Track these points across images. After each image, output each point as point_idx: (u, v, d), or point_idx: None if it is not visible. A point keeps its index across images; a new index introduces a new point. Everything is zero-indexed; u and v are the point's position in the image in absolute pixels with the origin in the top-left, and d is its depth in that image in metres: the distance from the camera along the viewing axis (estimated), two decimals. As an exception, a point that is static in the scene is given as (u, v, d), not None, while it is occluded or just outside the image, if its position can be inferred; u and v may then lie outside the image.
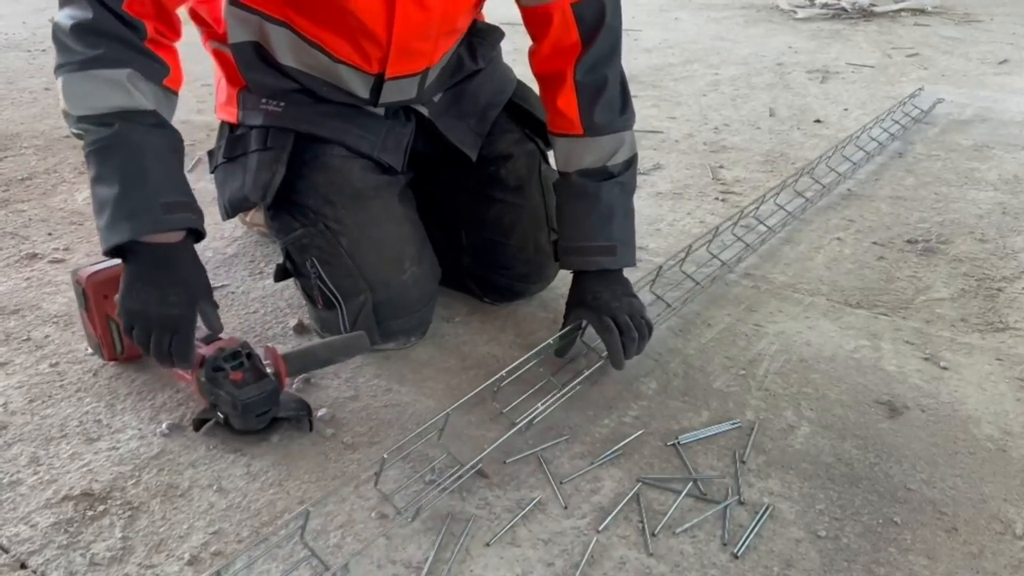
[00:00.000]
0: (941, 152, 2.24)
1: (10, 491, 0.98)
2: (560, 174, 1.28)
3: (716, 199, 1.93)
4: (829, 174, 1.98)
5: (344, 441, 1.08)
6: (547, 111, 1.27)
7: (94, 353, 1.23)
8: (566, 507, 0.97)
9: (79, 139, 1.05)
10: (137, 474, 1.01)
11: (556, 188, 1.28)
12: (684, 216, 1.83)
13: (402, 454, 1.03)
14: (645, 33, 3.90)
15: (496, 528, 0.94)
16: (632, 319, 1.18)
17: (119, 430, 1.09)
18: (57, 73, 1.02)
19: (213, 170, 1.29)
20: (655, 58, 3.41)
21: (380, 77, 1.22)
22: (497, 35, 1.43)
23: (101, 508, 0.96)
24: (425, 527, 0.94)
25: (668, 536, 0.93)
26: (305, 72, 1.21)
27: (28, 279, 1.48)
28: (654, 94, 2.85)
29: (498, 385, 1.11)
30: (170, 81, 1.08)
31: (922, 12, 4.43)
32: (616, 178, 1.24)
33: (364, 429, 1.10)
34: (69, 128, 1.06)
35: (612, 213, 1.24)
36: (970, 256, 1.63)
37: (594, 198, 1.23)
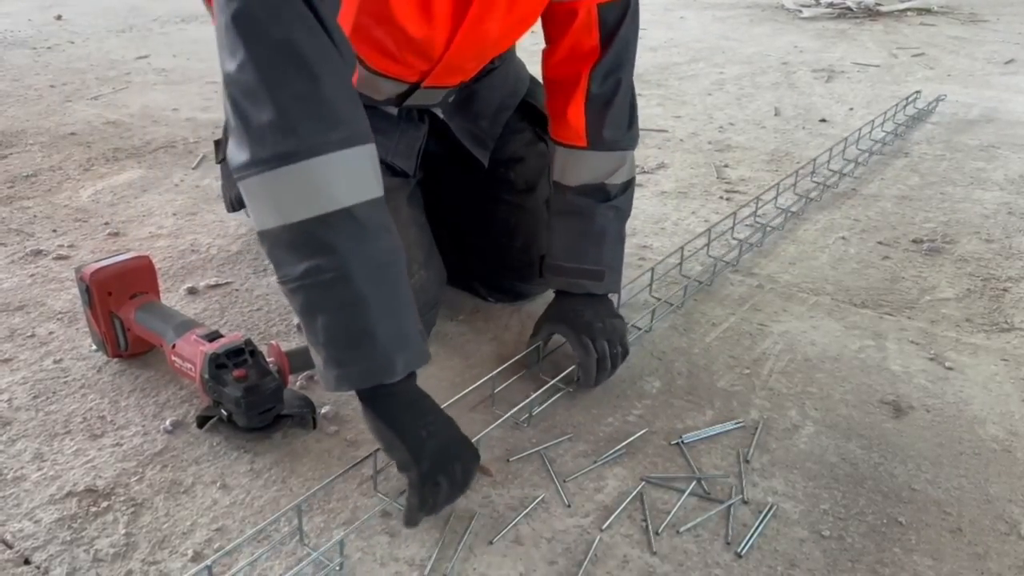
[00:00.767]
0: (947, 152, 2.24)
1: (14, 487, 0.98)
2: (555, 186, 1.26)
3: (721, 198, 1.93)
4: (832, 173, 1.97)
5: (347, 438, 1.08)
6: (552, 116, 1.26)
7: (98, 350, 1.23)
8: (569, 505, 0.97)
9: None
10: (141, 471, 1.01)
11: (550, 201, 1.27)
12: (688, 215, 1.83)
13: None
14: (650, 32, 3.89)
15: (499, 526, 0.94)
16: (610, 344, 1.16)
17: (123, 427, 1.09)
18: None
19: (220, 160, 1.27)
20: (660, 57, 3.40)
21: (415, 86, 1.20)
22: None
23: (105, 504, 0.96)
24: (427, 525, 0.94)
25: (671, 535, 0.93)
26: None
27: (33, 276, 1.48)
28: (659, 93, 2.84)
29: (492, 393, 1.12)
30: None
31: (928, 12, 4.42)
32: (612, 201, 1.23)
33: (367, 427, 1.10)
34: None
35: (604, 237, 1.23)
36: (976, 256, 1.62)
37: (588, 219, 1.22)
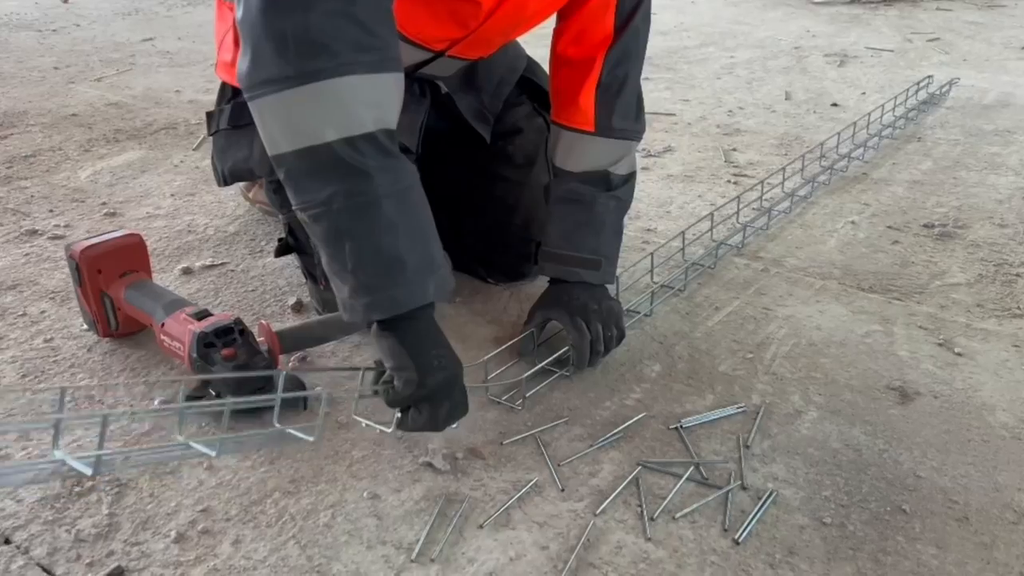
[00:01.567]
0: (961, 137, 2.19)
1: (-2, 466, 0.97)
2: (556, 172, 1.24)
3: (728, 182, 1.89)
4: (841, 157, 1.93)
5: (338, 420, 1.05)
6: (560, 99, 1.23)
7: (89, 329, 1.22)
8: (563, 490, 0.94)
9: None
10: (127, 451, 0.99)
11: (549, 189, 1.24)
12: (694, 199, 1.80)
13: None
14: (660, 16, 3.84)
15: (490, 510, 0.91)
16: (605, 327, 1.13)
17: (111, 406, 1.07)
18: None
19: (212, 133, 1.25)
20: (670, 41, 3.36)
21: (439, 55, 1.17)
22: None
23: (89, 484, 0.94)
24: (417, 508, 0.91)
25: (667, 521, 0.90)
26: None
27: (27, 255, 1.47)
28: (668, 76, 2.80)
29: (486, 378, 1.09)
30: None
31: (944, -3, 4.34)
32: (614, 191, 1.21)
33: (359, 409, 1.07)
34: None
35: (603, 227, 1.20)
36: (988, 241, 1.58)
37: (588, 207, 1.20)
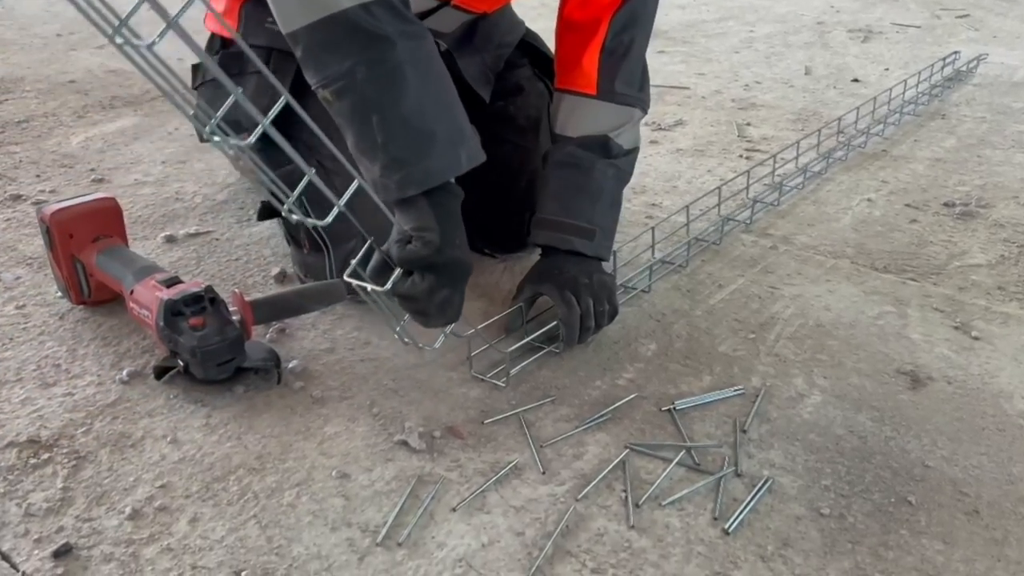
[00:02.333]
0: (987, 114, 2.10)
1: (-47, 435, 0.92)
2: (555, 139, 1.18)
3: (740, 156, 1.82)
4: (860, 132, 1.85)
5: (313, 395, 1.00)
6: (563, 63, 1.17)
7: (63, 296, 1.17)
8: (544, 472, 0.89)
9: None
10: (89, 422, 0.95)
11: (546, 156, 1.18)
12: (704, 173, 1.72)
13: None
14: (680, -10, 3.74)
15: (465, 492, 0.86)
16: (596, 302, 1.07)
17: (77, 376, 1.03)
18: None
19: (197, 86, 1.19)
20: (688, 14, 3.26)
21: (444, 4, 1.11)
22: None
23: (46, 456, 0.89)
24: (388, 488, 0.86)
25: (653, 508, 0.84)
26: None
27: (8, 220, 1.43)
28: (684, 50, 2.71)
29: (470, 355, 1.04)
30: None
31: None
32: (613, 160, 1.14)
33: (336, 383, 1.03)
34: None
35: (600, 195, 1.13)
36: (1012, 221, 1.50)
37: (586, 173, 1.13)
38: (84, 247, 1.11)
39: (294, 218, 0.81)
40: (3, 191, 1.54)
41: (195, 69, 1.20)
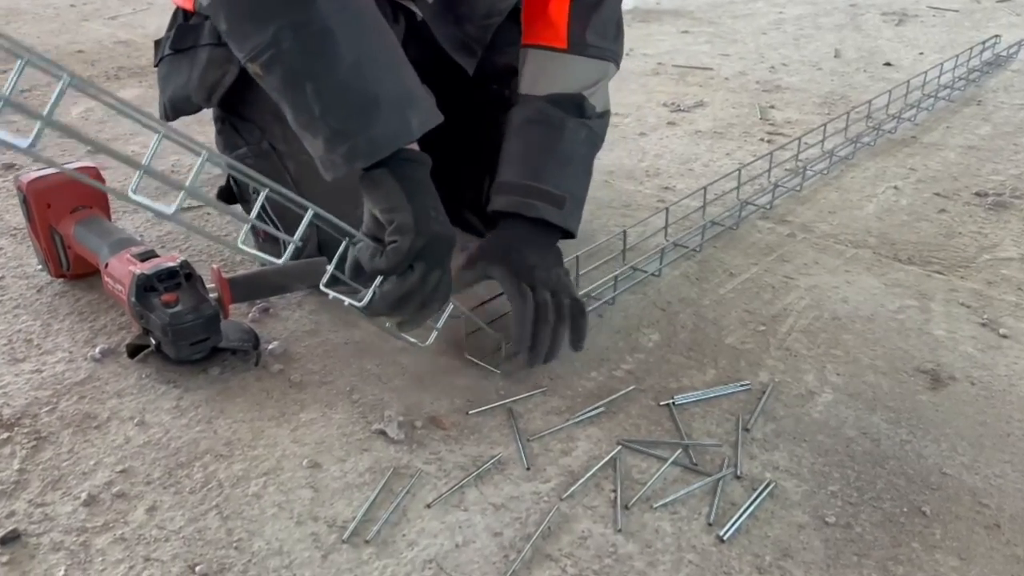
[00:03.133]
0: (1026, 101, 1.99)
1: (-87, 411, 0.88)
2: (520, 100, 1.07)
3: (761, 140, 1.74)
4: (889, 117, 1.76)
5: (291, 379, 0.95)
6: (529, 17, 1.08)
7: (42, 269, 1.13)
8: (529, 468, 0.83)
9: None
10: (55, 400, 0.90)
11: (510, 115, 1.06)
12: (722, 156, 1.65)
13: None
14: (709, -29, 3.64)
15: (442, 487, 0.80)
16: (555, 297, 0.93)
17: (49, 352, 0.98)
18: None
19: (157, 63, 1.14)
20: (716, -4, 3.17)
21: None
22: None
23: (5, 436, 0.85)
24: (361, 480, 0.81)
25: (643, 510, 0.78)
26: None
27: (16, 194, 1.39)
28: (708, 31, 2.62)
29: (464, 334, 0.98)
30: None
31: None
32: (587, 121, 1.03)
33: (317, 367, 0.97)
34: None
35: (571, 158, 1.02)
36: (1048, 213, 1.41)
37: (556, 133, 1.01)
38: (62, 218, 1.07)
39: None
40: (-3, 161, 1.50)
41: (157, 44, 1.14)
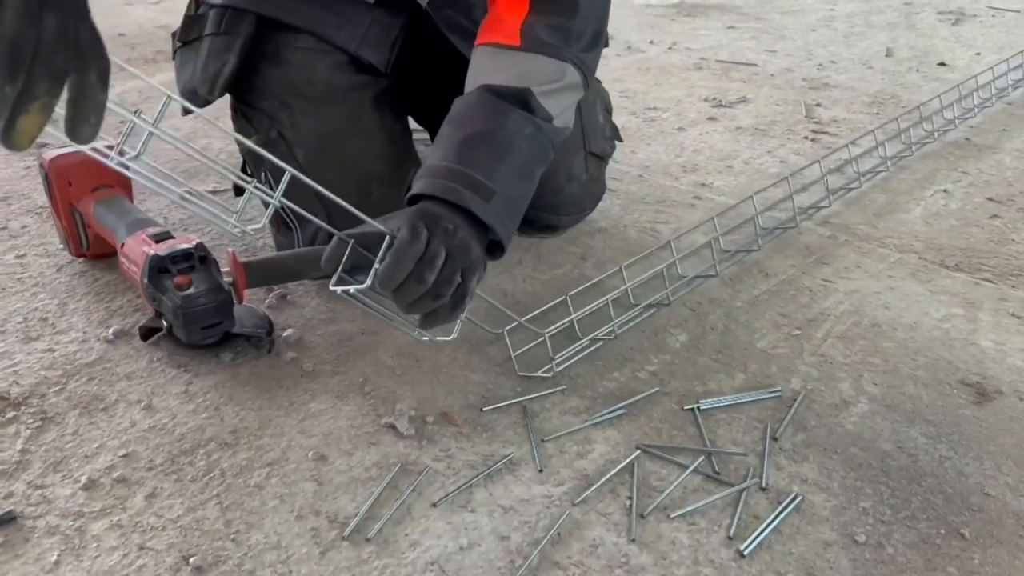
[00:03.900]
0: (1089, 105, 1.90)
1: (-77, 386, 0.88)
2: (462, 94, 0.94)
3: (805, 139, 1.67)
4: (943, 119, 1.69)
5: (304, 367, 0.93)
6: (484, 23, 0.96)
7: (63, 248, 1.12)
8: (542, 470, 0.79)
9: None
10: (64, 381, 0.89)
11: (452, 107, 0.91)
12: (763, 154, 1.59)
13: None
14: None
15: (450, 486, 0.77)
16: (446, 266, 0.75)
17: (63, 331, 0.97)
18: None
19: (173, 56, 1.12)
20: (765, -9, 3.09)
21: None
22: None
23: (11, 415, 0.84)
24: (367, 475, 0.78)
25: (660, 520, 0.74)
26: None
27: (28, 168, 1.39)
28: (755, 26, 2.55)
29: (511, 354, 0.93)
30: None
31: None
32: (534, 117, 0.88)
33: (330, 356, 0.95)
34: None
35: (509, 152, 0.85)
36: (1109, 222, 1.34)
37: (494, 120, 0.86)
38: (83, 196, 1.06)
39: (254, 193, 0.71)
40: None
41: (173, 36, 1.11)
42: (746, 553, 0.71)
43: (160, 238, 0.94)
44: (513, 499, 0.76)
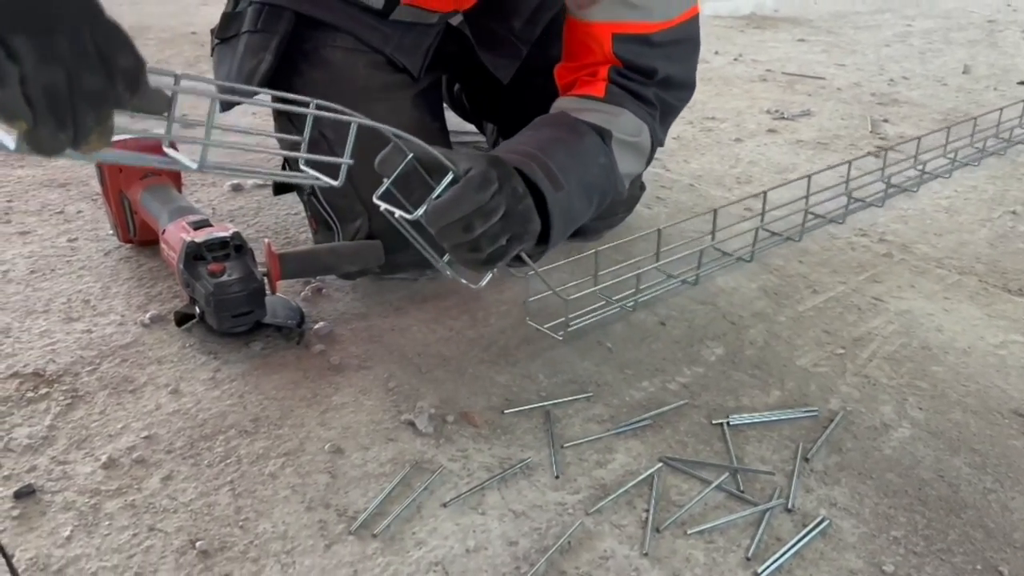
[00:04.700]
0: None
1: (-34, 359, 0.90)
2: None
3: (868, 154, 1.62)
4: (1018, 136, 1.61)
5: (331, 361, 0.93)
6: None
7: (113, 234, 1.15)
8: (558, 477, 0.77)
9: None
10: (98, 361, 0.91)
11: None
12: (822, 168, 1.54)
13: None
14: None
15: (463, 487, 0.76)
16: (497, 224, 0.75)
17: (103, 314, 0.99)
18: None
19: (212, 51, 1.13)
20: (841, 4, 3.01)
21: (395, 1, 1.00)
22: None
23: (44, 391, 0.86)
24: (381, 471, 0.77)
25: (676, 535, 0.71)
26: None
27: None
28: (827, 40, 2.49)
29: (526, 299, 0.92)
30: None
31: None
32: (608, 147, 0.91)
33: (358, 351, 0.94)
34: None
35: (584, 158, 0.90)
36: None
37: (576, 135, 0.89)
38: (132, 183, 1.08)
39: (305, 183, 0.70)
40: (94, 129, 1.55)
41: (212, 33, 1.12)
42: (763, 575, 0.68)
43: (199, 225, 0.95)
44: (526, 504, 0.74)
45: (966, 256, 1.22)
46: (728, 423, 0.85)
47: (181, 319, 0.96)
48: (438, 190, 0.72)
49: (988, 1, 3.15)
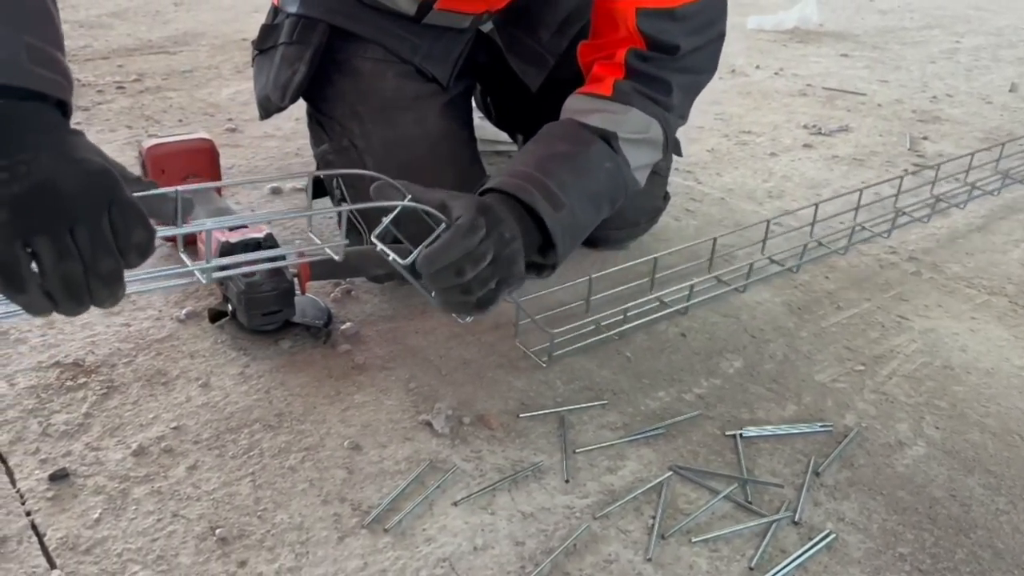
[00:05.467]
0: None
1: (12, 347, 0.95)
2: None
3: (905, 171, 1.60)
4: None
5: (355, 360, 0.95)
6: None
7: (155, 231, 1.19)
8: (568, 481, 0.79)
9: None
10: (134, 354, 0.95)
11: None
12: (856, 184, 1.53)
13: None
14: (885, -5, 3.43)
15: (475, 487, 0.78)
16: (487, 270, 0.75)
17: (141, 308, 1.03)
18: None
19: (252, 62, 1.17)
20: (888, 20, 2.97)
21: (429, 4, 1.02)
22: None
23: (82, 380, 0.90)
24: (396, 468, 0.80)
25: (681, 543, 0.73)
26: None
27: (137, 158, 1.48)
28: (871, 56, 2.46)
29: (516, 321, 0.94)
30: None
31: None
32: (616, 153, 0.91)
33: (382, 352, 0.97)
34: None
35: (587, 172, 0.89)
36: None
37: (578, 146, 0.89)
38: (174, 184, 1.12)
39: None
40: (145, 131, 1.61)
41: (253, 44, 1.16)
42: (765, 586, 0.69)
43: (234, 227, 0.99)
44: (535, 506, 0.76)
45: (996, 276, 1.21)
46: (741, 435, 0.86)
47: (214, 316, 1.00)
48: (430, 239, 0.75)
49: (1042, 18, 3.10)
